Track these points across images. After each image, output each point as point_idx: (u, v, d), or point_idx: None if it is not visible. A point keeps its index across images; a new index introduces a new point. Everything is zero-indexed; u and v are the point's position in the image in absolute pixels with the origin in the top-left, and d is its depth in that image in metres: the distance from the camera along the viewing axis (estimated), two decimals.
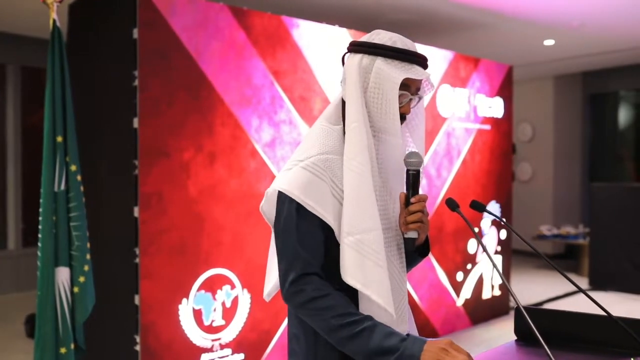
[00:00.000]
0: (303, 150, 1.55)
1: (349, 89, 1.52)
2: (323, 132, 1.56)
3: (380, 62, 1.50)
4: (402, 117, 1.55)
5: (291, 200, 1.47)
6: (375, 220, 1.46)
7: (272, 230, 1.60)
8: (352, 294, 1.48)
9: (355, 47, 1.56)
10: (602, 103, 9.68)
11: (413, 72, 1.51)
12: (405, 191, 1.55)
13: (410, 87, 1.53)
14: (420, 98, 1.58)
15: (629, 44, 7.27)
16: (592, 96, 9.68)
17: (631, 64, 8.70)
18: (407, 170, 1.54)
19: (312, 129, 1.60)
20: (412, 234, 1.52)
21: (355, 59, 1.53)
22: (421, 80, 1.56)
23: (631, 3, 5.52)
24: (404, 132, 1.60)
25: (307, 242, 1.46)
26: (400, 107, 1.52)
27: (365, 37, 1.57)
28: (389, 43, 1.52)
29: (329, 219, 1.47)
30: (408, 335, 1.41)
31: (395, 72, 1.49)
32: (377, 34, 1.56)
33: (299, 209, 1.46)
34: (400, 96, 1.51)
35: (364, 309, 1.47)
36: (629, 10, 5.74)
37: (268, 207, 1.60)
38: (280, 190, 1.50)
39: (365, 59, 1.52)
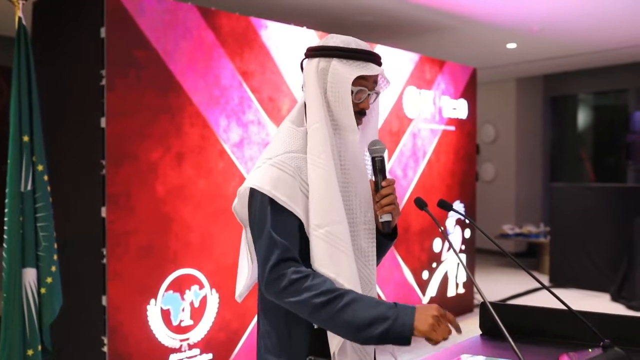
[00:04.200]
0: (271, 149, 1.61)
1: (308, 93, 1.60)
2: (289, 133, 1.62)
3: (335, 63, 1.57)
4: (363, 113, 1.62)
5: (263, 194, 1.52)
6: (341, 213, 1.53)
7: (245, 229, 1.66)
8: None
9: (312, 52, 1.63)
10: (562, 105, 9.92)
11: (367, 69, 1.58)
12: (372, 179, 1.64)
13: (367, 84, 1.60)
14: (377, 94, 1.66)
15: (586, 48, 7.48)
16: (553, 98, 9.91)
17: (589, 68, 8.94)
18: (373, 158, 1.64)
19: (279, 130, 1.67)
20: (386, 217, 1.61)
21: (313, 63, 1.61)
22: (377, 76, 1.63)
23: (587, 11, 5.71)
24: (362, 126, 1.68)
25: (282, 230, 1.50)
26: (360, 103, 1.59)
27: (321, 42, 1.64)
28: (342, 45, 1.59)
29: (299, 212, 1.52)
30: (395, 304, 1.43)
31: (348, 70, 1.56)
32: (331, 37, 1.63)
33: (271, 201, 1.51)
34: (358, 92, 1.58)
35: None
36: (585, 17, 5.94)
37: (240, 207, 1.65)
38: (252, 187, 1.55)
39: (322, 62, 1.59)
